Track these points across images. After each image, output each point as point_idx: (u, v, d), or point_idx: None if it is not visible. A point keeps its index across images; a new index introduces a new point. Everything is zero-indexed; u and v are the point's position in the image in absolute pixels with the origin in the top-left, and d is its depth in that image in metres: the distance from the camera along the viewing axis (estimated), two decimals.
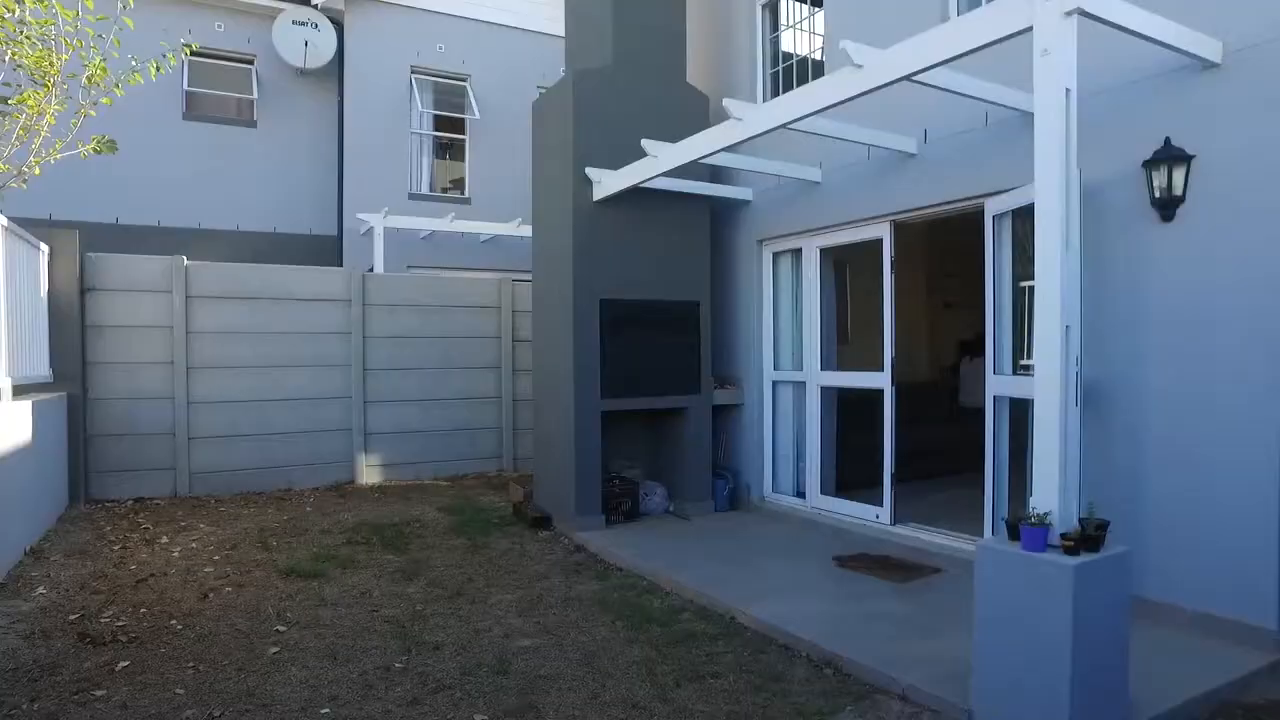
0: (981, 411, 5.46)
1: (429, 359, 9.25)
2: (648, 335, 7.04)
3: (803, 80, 7.17)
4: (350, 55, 11.92)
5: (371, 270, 10.82)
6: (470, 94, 12.61)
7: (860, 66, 4.31)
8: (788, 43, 7.61)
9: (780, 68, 7.51)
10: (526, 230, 10.35)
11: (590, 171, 6.71)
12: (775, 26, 7.63)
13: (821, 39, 6.95)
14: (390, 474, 9.03)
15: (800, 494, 7.12)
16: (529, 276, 8.02)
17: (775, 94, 7.47)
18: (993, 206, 5.25)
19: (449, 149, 13.38)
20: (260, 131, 11.93)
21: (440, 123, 12.94)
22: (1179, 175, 4.30)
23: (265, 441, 8.40)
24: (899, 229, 6.19)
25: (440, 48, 12.54)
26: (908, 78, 4.20)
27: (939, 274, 10.19)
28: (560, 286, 6.95)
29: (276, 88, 12.01)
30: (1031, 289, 3.50)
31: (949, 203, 5.62)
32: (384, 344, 9.00)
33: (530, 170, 7.77)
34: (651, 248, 7.07)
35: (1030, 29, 3.51)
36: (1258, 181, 4.05)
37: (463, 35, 12.65)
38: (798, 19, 7.56)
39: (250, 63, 11.88)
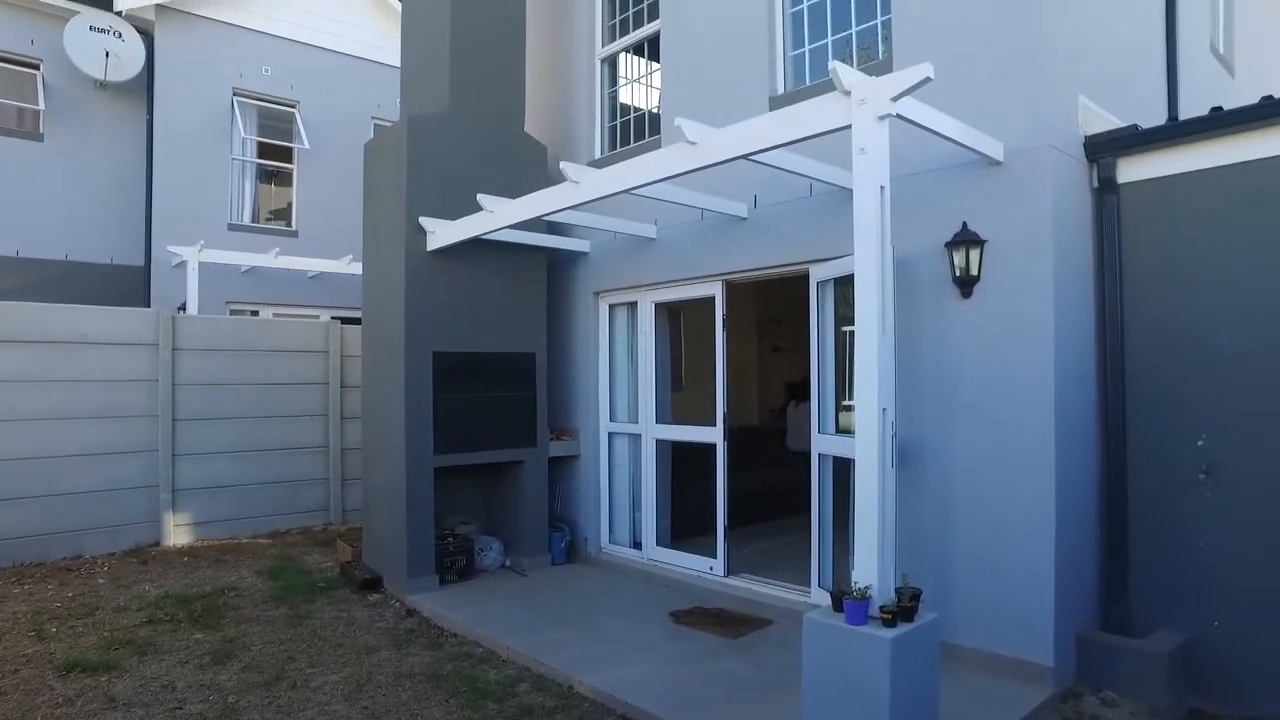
0: (808, 455, 5.74)
1: (248, 407, 8.60)
2: (483, 388, 6.90)
3: (640, 135, 7.34)
4: (162, 71, 11.02)
5: (184, 307, 9.99)
6: (299, 122, 12.00)
7: (694, 144, 4.46)
8: (627, 95, 7.78)
9: (619, 121, 7.65)
10: (358, 268, 9.93)
11: (424, 221, 6.53)
12: (614, 80, 7.78)
13: (660, 94, 7.12)
14: (203, 533, 8.28)
15: (637, 545, 7.18)
16: (361, 313, 7.64)
17: (614, 147, 7.60)
18: (817, 273, 5.57)
19: (275, 178, 12.64)
20: (49, 146, 10.74)
21: (266, 150, 12.20)
22: (974, 256, 4.74)
23: (49, 504, 7.42)
24: (730, 287, 6.43)
25: (266, 70, 11.87)
26: (739, 158, 4.38)
27: (767, 320, 10.67)
28: (391, 337, 6.68)
29: (70, 99, 10.88)
30: (853, 334, 3.71)
31: (777, 267, 5.90)
32: (197, 392, 8.28)
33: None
34: (488, 298, 6.95)
35: (850, 126, 3.77)
36: (1031, 265, 4.55)
37: (292, 59, 12.04)
38: (637, 74, 7.75)
39: (35, 68, 10.69)
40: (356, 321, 8.38)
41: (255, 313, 11.33)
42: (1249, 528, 4.46)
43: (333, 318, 10.82)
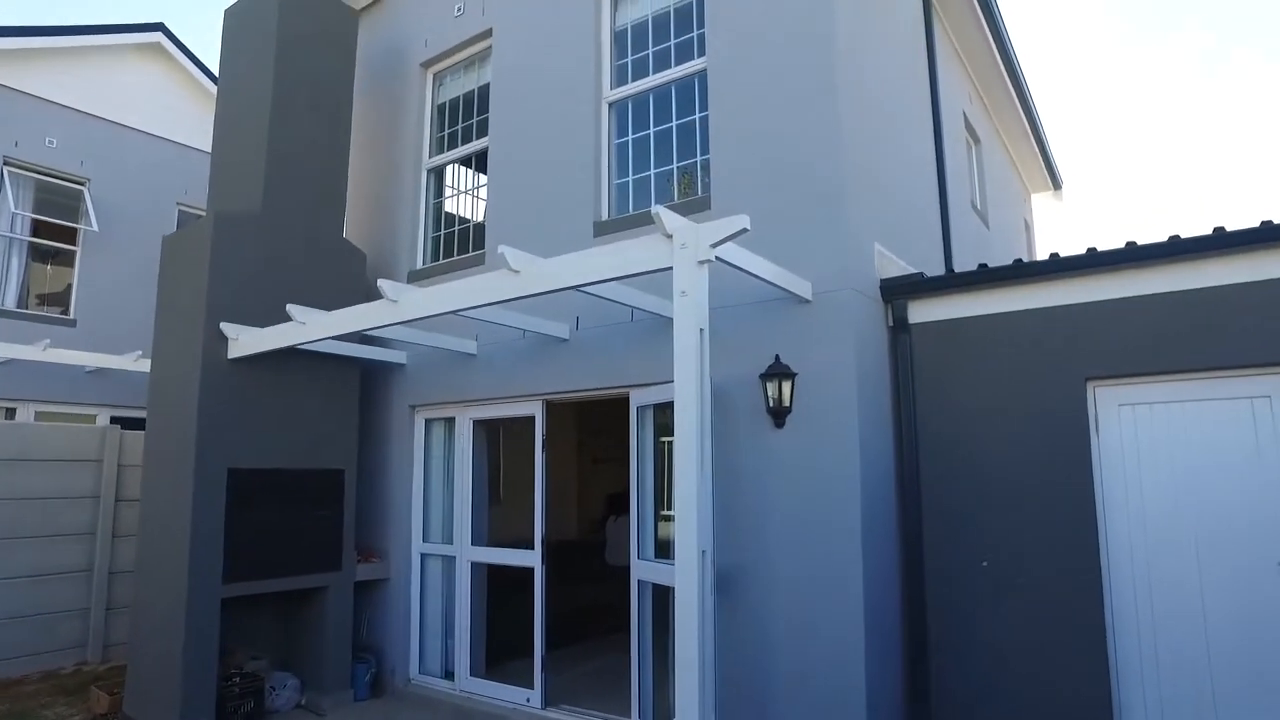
0: (627, 569, 5.65)
1: None
2: (285, 508, 6.33)
3: (465, 248, 7.27)
4: None
5: None
6: (89, 201, 10.95)
7: (517, 272, 4.44)
8: (453, 205, 7.72)
9: (443, 232, 7.56)
10: (148, 364, 8.98)
11: (226, 327, 6.04)
12: (440, 191, 7.72)
13: (486, 209, 7.11)
14: None
15: (449, 675, 6.73)
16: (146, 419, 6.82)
17: (437, 258, 7.48)
18: (637, 398, 5.64)
19: (54, 259, 11.36)
20: None
21: (45, 229, 10.94)
22: (787, 388, 4.98)
23: None
24: (551, 406, 6.37)
25: (51, 142, 10.81)
26: (562, 290, 4.40)
27: (588, 429, 10.64)
28: (180, 451, 6.03)
29: None
30: (670, 443, 3.74)
31: (598, 389, 5.92)
32: None
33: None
34: (294, 411, 6.48)
35: (671, 268, 3.89)
36: (837, 397, 4.84)
37: (85, 133, 11.06)
38: (465, 185, 7.74)
39: None
40: (142, 424, 7.47)
41: (12, 412, 9.93)
42: (1024, 635, 4.87)
43: (113, 419, 9.73)
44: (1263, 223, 4.42)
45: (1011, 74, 9.39)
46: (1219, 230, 4.52)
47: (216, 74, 7.61)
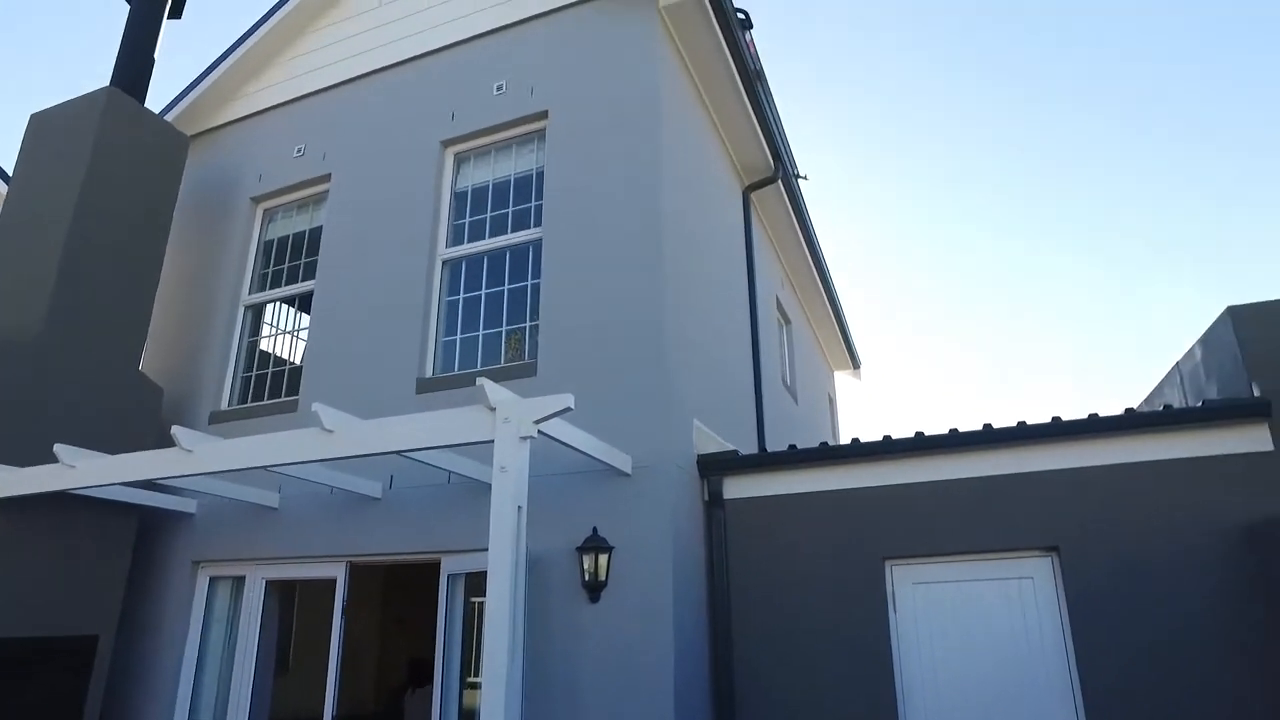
0: None
1: None
2: (12, 688, 5.31)
3: (279, 391, 6.86)
4: None
5: None
6: None
7: (331, 432, 4.24)
8: (269, 344, 7.33)
9: (255, 373, 7.12)
10: None
11: None
12: (256, 329, 7.34)
13: (304, 354, 6.80)
14: None
15: None
16: None
17: (245, 400, 7.00)
18: (449, 565, 5.39)
19: None
20: None
21: None
22: (603, 561, 4.94)
23: None
24: (355, 568, 5.95)
25: None
26: (379, 455, 4.23)
27: (392, 586, 9.96)
28: None
29: None
30: (482, 604, 3.53)
31: (409, 554, 5.61)
32: None
33: None
34: (46, 566, 5.61)
35: (493, 441, 3.85)
36: (652, 572, 4.84)
37: None
38: (285, 325, 7.40)
39: None
40: None
41: None
42: None
43: None
44: (1019, 423, 5.07)
45: (817, 264, 10.45)
46: (986, 426, 5.12)
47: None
